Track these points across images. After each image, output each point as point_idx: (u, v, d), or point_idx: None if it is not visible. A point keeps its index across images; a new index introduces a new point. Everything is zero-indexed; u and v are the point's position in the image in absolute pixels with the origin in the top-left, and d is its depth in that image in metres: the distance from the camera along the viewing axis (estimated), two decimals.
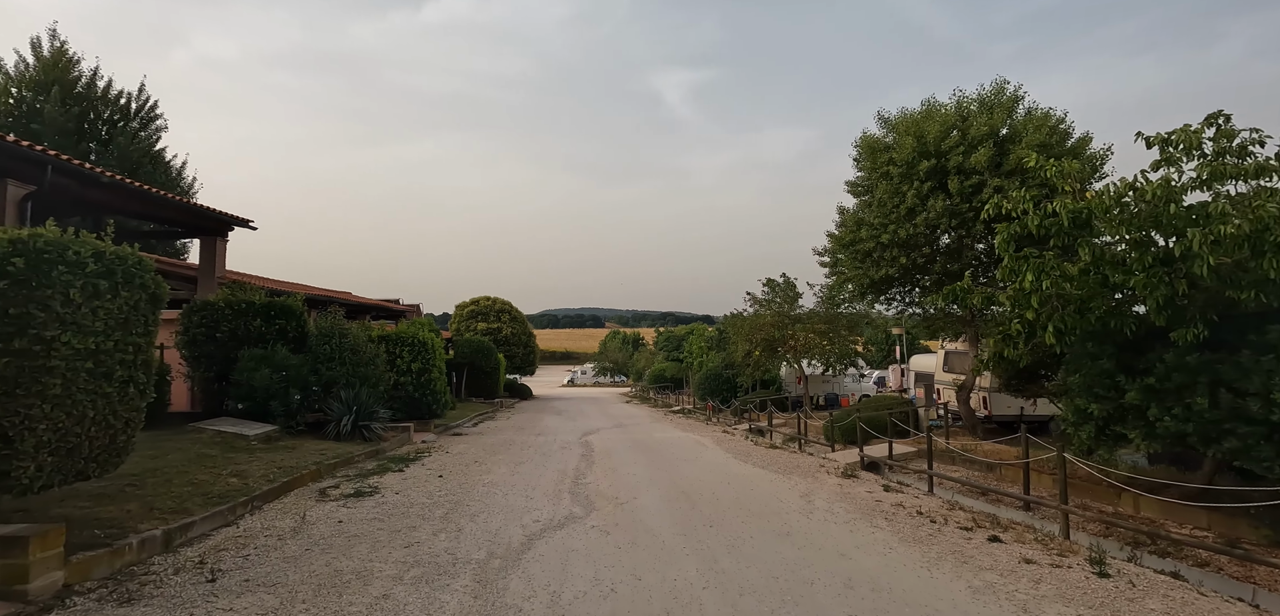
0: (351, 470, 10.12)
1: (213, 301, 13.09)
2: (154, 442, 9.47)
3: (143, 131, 22.10)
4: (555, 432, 17.91)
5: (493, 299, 44.34)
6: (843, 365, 23.01)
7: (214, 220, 15.92)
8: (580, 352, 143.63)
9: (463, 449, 13.50)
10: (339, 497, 8.08)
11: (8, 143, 10.05)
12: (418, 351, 16.87)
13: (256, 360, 12.35)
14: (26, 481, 4.78)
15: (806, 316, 22.71)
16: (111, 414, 5.35)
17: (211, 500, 7.06)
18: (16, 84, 19.31)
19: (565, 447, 14.22)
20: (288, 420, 12.10)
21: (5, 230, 4.81)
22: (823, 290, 22.49)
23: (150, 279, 5.70)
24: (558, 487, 9.17)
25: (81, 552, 5.12)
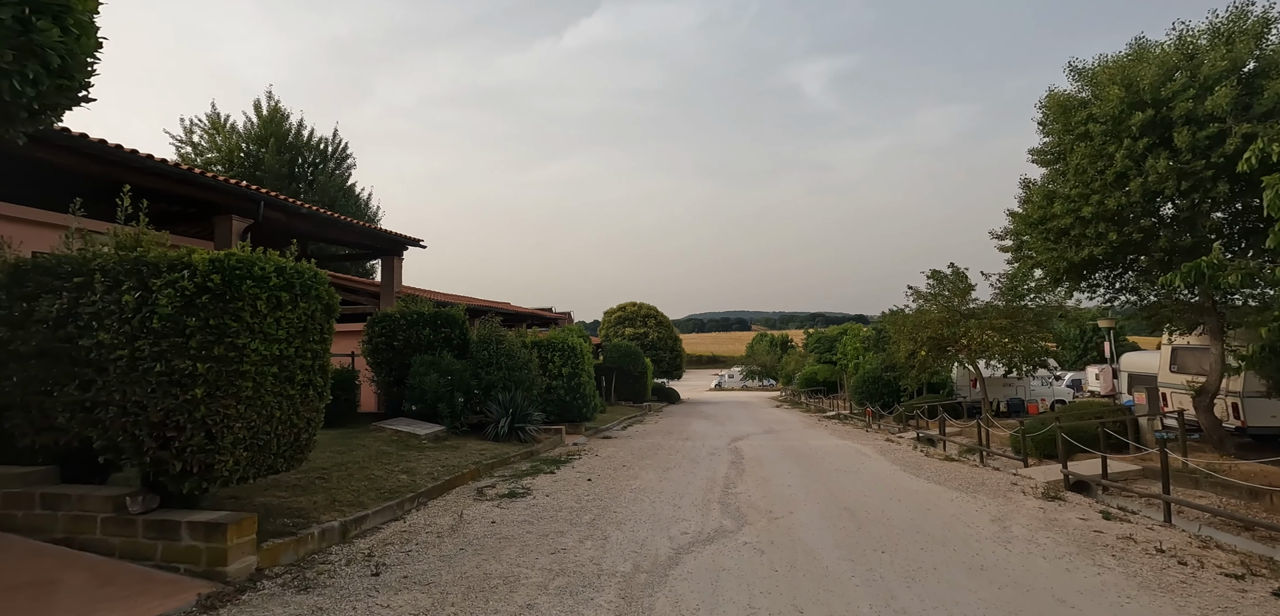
0: (507, 470, 10.48)
1: (390, 313, 14.44)
2: (343, 440, 10.51)
3: (337, 170, 25.42)
4: (703, 438, 17.49)
5: (638, 304, 45.22)
6: (1030, 365, 19.98)
7: (391, 241, 17.70)
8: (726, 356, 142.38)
9: (611, 452, 13.54)
10: (494, 498, 8.31)
11: (232, 184, 11.85)
12: (568, 356, 17.38)
13: (426, 365, 13.38)
14: (227, 473, 5.31)
15: (982, 311, 20.06)
16: (294, 414, 5.83)
17: (383, 495, 7.55)
18: (244, 139, 23.17)
19: (713, 454, 13.72)
20: (453, 421, 12.94)
21: (207, 252, 5.39)
22: (1001, 280, 19.74)
23: (325, 290, 6.16)
24: (706, 497, 8.71)
25: (272, 540, 5.61)
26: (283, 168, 23.12)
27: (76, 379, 5.45)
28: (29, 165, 9.14)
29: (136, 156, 9.66)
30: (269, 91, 23.84)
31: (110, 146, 9.18)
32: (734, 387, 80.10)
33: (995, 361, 20.97)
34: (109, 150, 9.21)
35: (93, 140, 8.89)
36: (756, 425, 22.44)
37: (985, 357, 20.45)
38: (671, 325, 46.22)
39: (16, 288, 5.69)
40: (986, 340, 19.62)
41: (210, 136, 22.95)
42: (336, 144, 25.69)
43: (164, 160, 10.05)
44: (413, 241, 18.28)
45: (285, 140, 23.55)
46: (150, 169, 9.92)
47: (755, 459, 12.79)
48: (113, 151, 9.26)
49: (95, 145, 9.04)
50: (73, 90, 3.85)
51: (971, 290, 20.61)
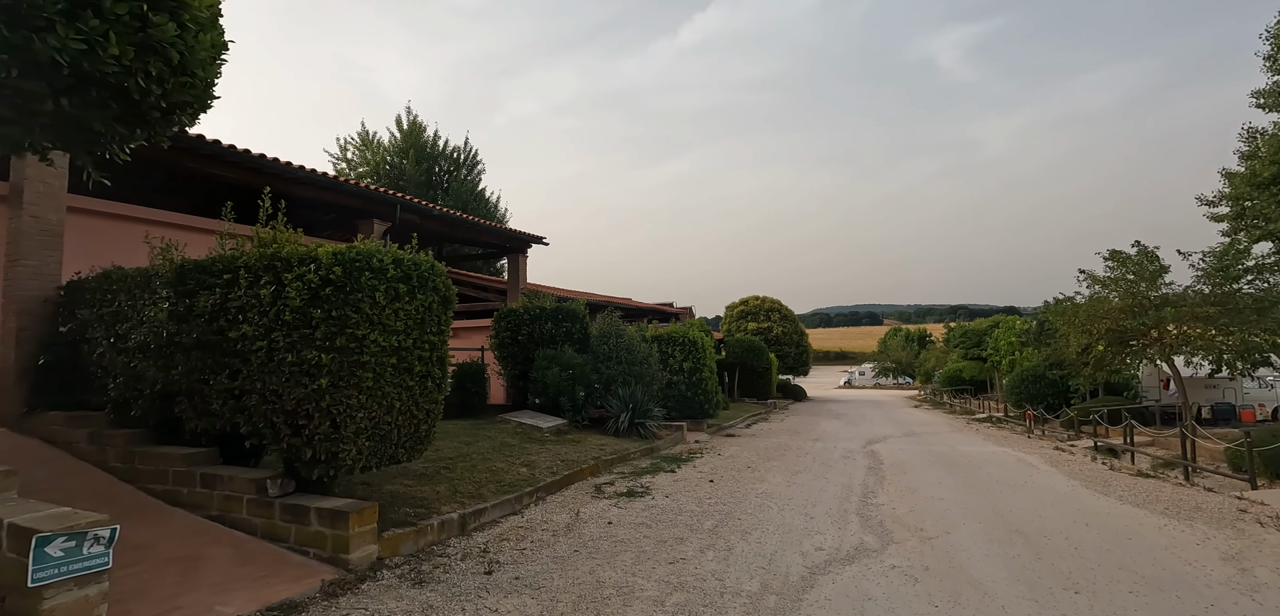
0: (626, 467, 10.19)
1: (514, 309, 14.79)
2: (471, 431, 10.79)
3: (469, 176, 26.92)
4: (834, 438, 16.23)
5: (762, 298, 43.75)
6: (1247, 365, 16.43)
7: (516, 240, 18.27)
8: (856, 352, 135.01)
9: (735, 451, 12.86)
10: (612, 496, 8.00)
11: (370, 190, 12.67)
12: (689, 350, 16.91)
13: (547, 360, 13.52)
14: (350, 462, 5.39)
15: (1180, 298, 16.78)
16: (414, 405, 5.83)
17: (503, 488, 7.50)
18: (389, 152, 25.21)
19: (848, 457, 12.57)
20: (574, 415, 12.94)
21: (332, 246, 5.50)
22: (1207, 259, 16.42)
23: (441, 282, 6.12)
24: (843, 507, 7.80)
25: (393, 529, 5.63)
26: (421, 176, 24.87)
27: (227, 368, 5.81)
28: (193, 178, 10.27)
29: (287, 166, 10.52)
30: (408, 107, 25.88)
31: (255, 155, 10.05)
32: (865, 385, 75.52)
33: (1199, 359, 17.51)
34: (259, 160, 10.09)
35: (241, 151, 9.78)
36: (894, 426, 20.58)
37: (1185, 354, 17.13)
38: (797, 319, 44.22)
39: (180, 285, 6.19)
40: (1187, 333, 16.40)
41: (360, 152, 25.24)
42: (468, 152, 27.24)
43: (310, 168, 10.87)
44: (535, 239, 18.76)
45: (423, 150, 25.33)
46: (297, 177, 10.78)
47: (897, 464, 11.50)
48: (263, 161, 10.14)
49: (245, 156, 9.92)
50: (196, 88, 3.94)
51: (1164, 273, 17.33)
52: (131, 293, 6.82)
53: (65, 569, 3.33)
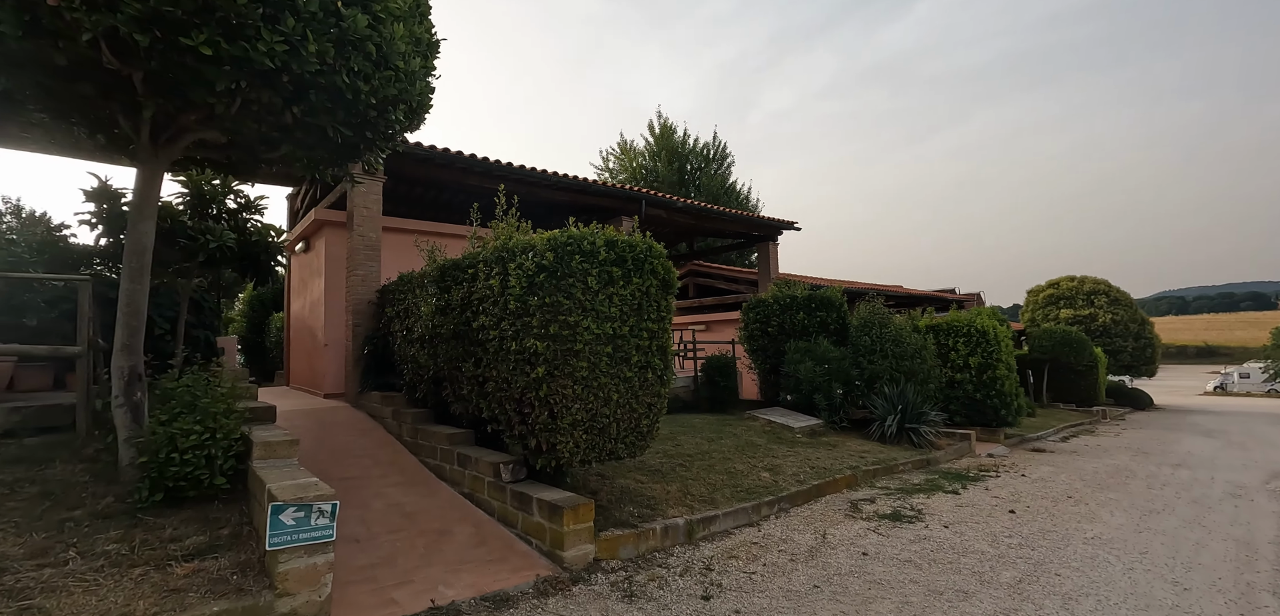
0: (892, 481, 8.52)
1: (763, 299, 13.90)
2: (717, 426, 10.25)
3: (718, 170, 26.81)
4: (1209, 465, 11.72)
5: (1079, 278, 35.24)
6: None
7: (764, 227, 17.33)
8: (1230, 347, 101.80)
9: (1046, 473, 10.02)
10: (871, 517, 6.59)
11: (614, 188, 13.03)
12: (976, 342, 13.95)
13: (800, 352, 12.32)
14: (567, 455, 5.13)
15: None
16: (633, 398, 5.38)
17: (739, 494, 6.70)
18: (644, 156, 26.45)
19: (1238, 495, 8.78)
20: (830, 415, 11.53)
21: (546, 233, 5.35)
22: None
23: (660, 265, 5.58)
24: (1243, 577, 5.15)
25: (614, 530, 5.24)
26: (672, 175, 25.54)
27: (472, 356, 6.11)
28: (456, 191, 11.58)
29: (522, 170, 11.24)
30: (659, 111, 26.77)
31: (491, 161, 10.88)
32: (1251, 391, 56.20)
33: None
34: (496, 166, 10.93)
35: (480, 158, 10.73)
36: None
37: None
38: (1134, 304, 34.52)
39: (442, 282, 6.77)
40: None
41: (620, 160, 27.02)
42: (716, 146, 27.16)
43: (544, 169, 11.52)
44: (786, 225, 17.58)
45: (674, 151, 26.01)
46: (533, 179, 11.49)
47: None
48: (500, 166, 10.96)
49: (482, 163, 10.78)
50: (401, 82, 3.96)
51: None
52: (413, 292, 7.78)
53: (296, 537, 3.54)
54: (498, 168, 10.91)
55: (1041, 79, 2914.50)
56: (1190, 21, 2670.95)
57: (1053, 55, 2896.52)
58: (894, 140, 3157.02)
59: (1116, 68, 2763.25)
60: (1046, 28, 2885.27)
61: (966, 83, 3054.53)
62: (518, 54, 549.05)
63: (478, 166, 10.69)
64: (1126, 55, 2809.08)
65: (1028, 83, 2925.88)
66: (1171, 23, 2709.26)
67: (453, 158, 10.43)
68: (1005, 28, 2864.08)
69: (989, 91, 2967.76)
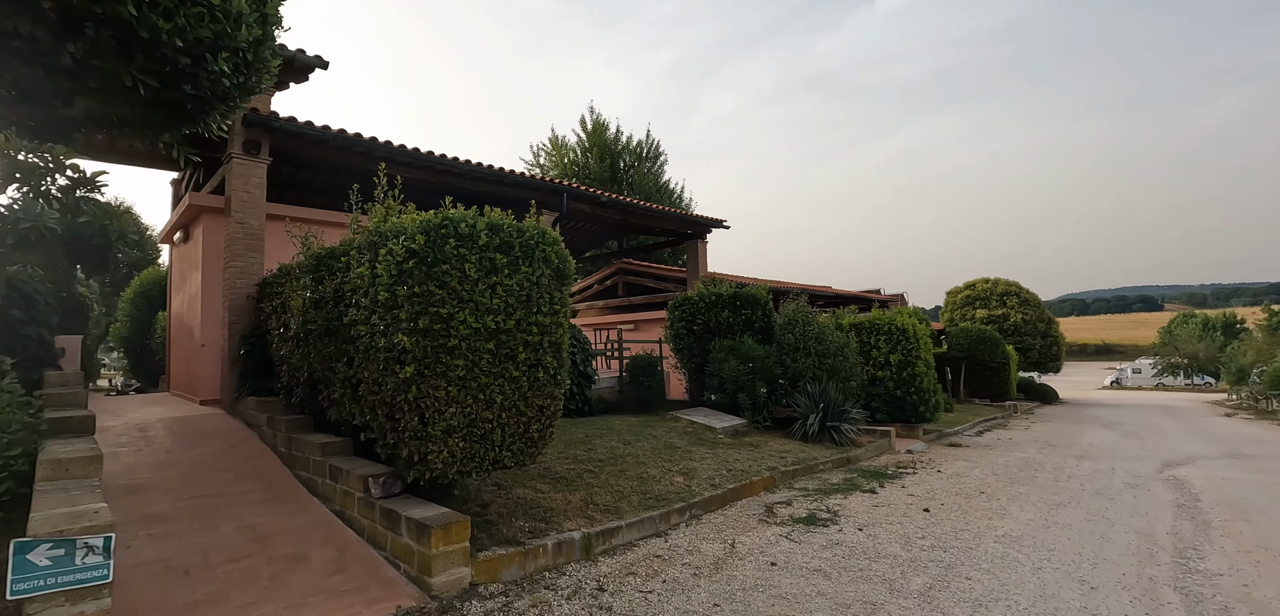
0: (811, 481, 8.30)
1: (689, 296, 13.58)
2: (638, 428, 9.79)
3: (651, 168, 26.52)
4: (1110, 455, 12.22)
5: (993, 280, 37.07)
6: None
7: (693, 224, 17.08)
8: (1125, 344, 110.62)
9: (960, 468, 10.09)
10: (786, 521, 6.27)
11: (531, 179, 12.38)
12: (896, 340, 14.11)
13: (725, 351, 12.06)
14: (441, 465, 4.52)
15: None
16: (521, 401, 4.81)
17: (648, 501, 6.24)
18: (576, 150, 25.84)
19: (1136, 485, 9.06)
20: (754, 414, 11.30)
21: (421, 214, 4.71)
22: None
23: (554, 252, 5.04)
24: (1145, 571, 5.11)
25: (498, 549, 4.65)
26: (605, 172, 25.06)
27: (345, 355, 5.39)
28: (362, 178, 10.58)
29: (444, 160, 10.47)
30: (591, 106, 26.22)
31: (412, 150, 10.04)
32: (1141, 385, 61.04)
33: None
34: (422, 157, 10.13)
35: (397, 146, 9.85)
36: (1204, 442, 15.20)
37: None
38: (1042, 305, 36.61)
39: (316, 273, 5.99)
40: None
41: (551, 155, 26.29)
42: (650, 144, 26.88)
43: (467, 159, 10.78)
44: (715, 223, 17.39)
45: (607, 147, 25.52)
46: (460, 171, 10.74)
47: (1227, 502, 7.85)
48: (426, 157, 10.17)
49: (403, 151, 9.95)
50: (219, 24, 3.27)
51: None
52: (289, 284, 6.93)
53: (53, 580, 2.80)
54: (404, 154, 10.06)
55: (963, 95, 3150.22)
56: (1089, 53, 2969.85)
57: (972, 74, 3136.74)
58: (829, 147, 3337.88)
59: (1028, 89, 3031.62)
60: (966, 48, 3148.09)
61: (896, 96, 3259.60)
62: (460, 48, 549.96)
63: (380, 151, 9.79)
64: (1036, 78, 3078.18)
65: (951, 98, 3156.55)
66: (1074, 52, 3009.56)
67: (350, 140, 9.52)
68: (930, 45, 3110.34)
69: (917, 105, 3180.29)
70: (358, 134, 9.62)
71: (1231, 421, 22.91)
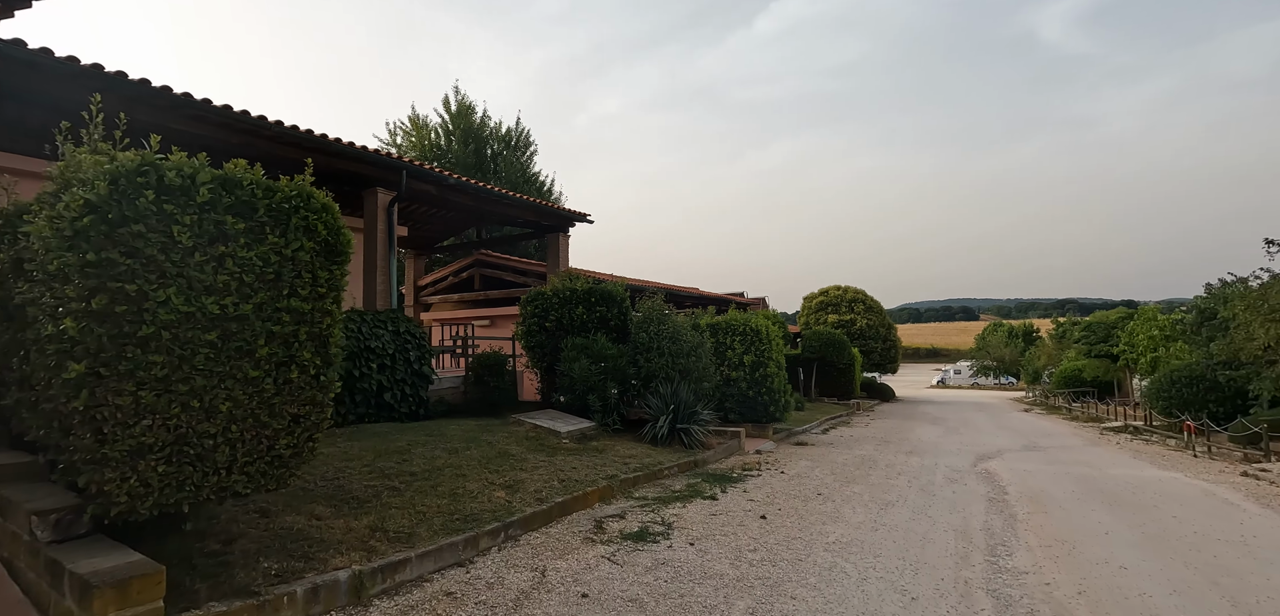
0: (653, 489, 7.82)
1: (542, 291, 12.76)
2: (471, 435, 8.77)
3: (522, 157, 25.32)
4: (934, 450, 13.11)
5: (844, 288, 39.93)
6: None
7: (554, 216, 16.23)
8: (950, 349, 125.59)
9: (804, 468, 10.17)
10: (613, 539, 5.66)
11: (372, 153, 10.89)
12: (750, 341, 14.25)
13: (577, 350, 11.36)
14: (126, 498, 3.35)
15: None
16: (263, 410, 3.74)
17: (455, 523, 5.34)
18: (437, 131, 23.99)
19: (955, 479, 9.59)
20: (604, 416, 10.71)
21: (101, 155, 3.49)
22: None
23: (321, 221, 4.02)
24: (961, 573, 5.09)
25: (217, 605, 3.55)
26: (469, 157, 23.48)
27: (21, 347, 3.97)
28: None
29: (246, 118, 8.69)
30: (456, 86, 24.51)
31: (203, 101, 8.19)
32: (961, 385, 69.20)
33: None
34: (216, 111, 8.42)
35: (180, 94, 7.95)
36: (1009, 436, 16.98)
37: None
38: (884, 312, 40.02)
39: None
40: None
41: (409, 135, 24.18)
42: (519, 132, 25.64)
43: (278, 121, 9.15)
44: (578, 216, 16.68)
45: (472, 130, 23.94)
46: (270, 132, 9.10)
47: (1028, 495, 8.44)
48: (223, 113, 8.48)
49: (207, 107, 8.24)
50: None
51: None
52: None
53: None
54: (141, 90, 7.64)
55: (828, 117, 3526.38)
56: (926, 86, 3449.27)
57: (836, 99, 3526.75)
58: (707, 157, 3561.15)
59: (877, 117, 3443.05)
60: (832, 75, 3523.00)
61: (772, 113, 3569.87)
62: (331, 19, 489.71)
63: (92, 79, 6.81)
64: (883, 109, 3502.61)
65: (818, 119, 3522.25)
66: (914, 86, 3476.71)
67: (34, 56, 6.78)
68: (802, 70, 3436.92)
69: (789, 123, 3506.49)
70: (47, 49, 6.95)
71: (1029, 415, 26.21)
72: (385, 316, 10.47)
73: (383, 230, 11.47)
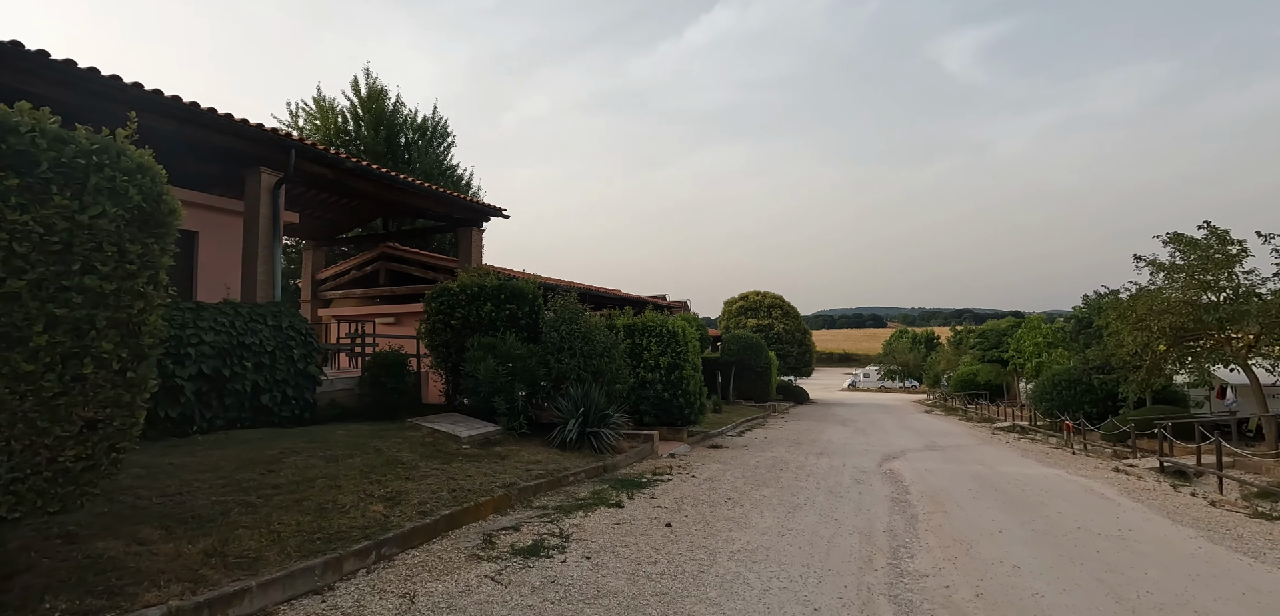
0: (555, 497, 7.35)
1: (448, 286, 11.99)
2: (362, 440, 7.96)
3: (436, 147, 24.07)
4: (843, 451, 13.36)
5: (763, 293, 40.86)
6: None
7: (466, 210, 15.42)
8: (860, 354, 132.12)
9: (715, 471, 10.00)
10: (501, 555, 5.16)
11: (253, 128, 9.79)
12: (666, 343, 14.03)
13: (483, 349, 10.70)
14: None
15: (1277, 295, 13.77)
16: (40, 412, 3.00)
17: (315, 545, 4.66)
18: (345, 115, 22.38)
19: (861, 480, 9.70)
20: (511, 420, 10.11)
21: None
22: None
23: (135, 184, 3.30)
24: (864, 580, 4.95)
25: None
26: (380, 145, 22.06)
27: None
28: None
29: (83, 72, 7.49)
30: (367, 69, 22.95)
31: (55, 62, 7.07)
32: (870, 388, 72.74)
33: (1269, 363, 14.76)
34: (62, 69, 7.24)
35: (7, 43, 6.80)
36: (912, 436, 17.70)
37: (1275, 358, 14.25)
38: (799, 316, 41.29)
39: None
40: (1275, 331, 13.46)
41: (312, 118, 22.42)
42: (436, 121, 24.38)
43: (136, 82, 8.01)
44: (494, 211, 15.94)
45: (383, 116, 22.50)
46: (119, 95, 7.92)
47: (930, 495, 8.61)
48: (64, 69, 7.28)
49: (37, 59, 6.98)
50: None
51: (1241, 260, 14.40)
52: None
53: None
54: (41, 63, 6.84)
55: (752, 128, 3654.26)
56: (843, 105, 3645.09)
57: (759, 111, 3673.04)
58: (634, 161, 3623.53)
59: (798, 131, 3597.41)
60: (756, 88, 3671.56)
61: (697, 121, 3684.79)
62: None
63: None
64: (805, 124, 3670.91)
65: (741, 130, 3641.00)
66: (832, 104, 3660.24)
67: None
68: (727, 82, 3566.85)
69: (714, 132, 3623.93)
70: None
71: (929, 417, 27.67)
72: (265, 310, 9.44)
73: (266, 214, 10.37)
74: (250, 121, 9.64)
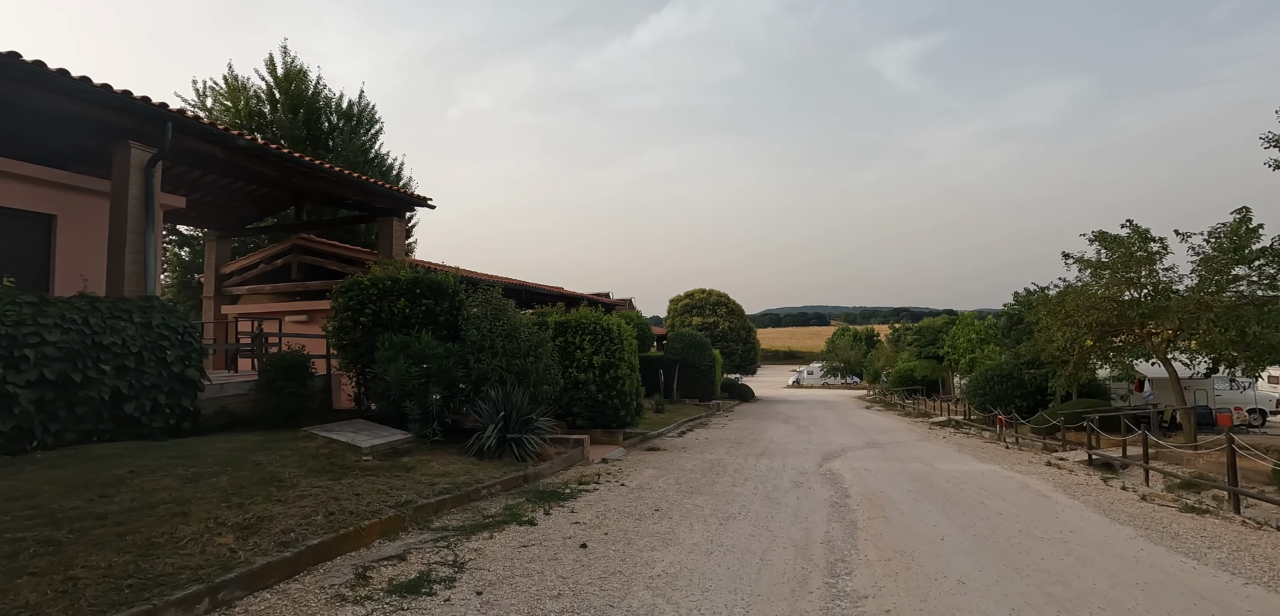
0: (459, 516, 6.51)
1: (358, 280, 10.90)
2: (243, 453, 6.90)
3: (361, 134, 22.56)
4: (784, 451, 12.96)
5: (708, 291, 40.67)
6: (1253, 364, 14.05)
7: (387, 199, 14.28)
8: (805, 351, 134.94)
9: (648, 478, 9.35)
10: (374, 594, 4.32)
11: (119, 94, 8.50)
12: (600, 341, 13.30)
13: (394, 349, 9.70)
14: None
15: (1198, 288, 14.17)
16: None
17: (124, 593, 3.71)
18: (257, 96, 20.61)
19: (800, 483, 9.24)
20: (423, 425, 9.18)
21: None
22: (1211, 239, 13.96)
23: None
24: (795, 601, 4.37)
25: None
26: (299, 130, 20.42)
27: None
28: None
29: None
30: (284, 47, 21.25)
31: None
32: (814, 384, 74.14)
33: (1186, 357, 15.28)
34: None
35: None
36: (853, 434, 17.58)
37: (1190, 351, 14.69)
38: (745, 314, 41.33)
39: None
40: (1192, 326, 13.86)
41: (221, 98, 20.56)
42: (362, 106, 22.84)
43: None
44: (418, 200, 14.82)
45: (302, 99, 20.85)
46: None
47: (868, 497, 8.21)
48: None
49: None
50: None
51: (1161, 258, 14.83)
52: None
53: None
54: None
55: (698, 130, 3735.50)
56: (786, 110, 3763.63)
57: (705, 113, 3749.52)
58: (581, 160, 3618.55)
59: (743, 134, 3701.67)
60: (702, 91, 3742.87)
61: (644, 121, 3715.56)
62: None
63: None
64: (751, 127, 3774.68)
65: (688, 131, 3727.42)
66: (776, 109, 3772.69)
67: None
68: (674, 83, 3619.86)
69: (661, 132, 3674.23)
70: None
71: (870, 413, 27.96)
72: (131, 306, 8.21)
73: (137, 196, 9.07)
74: (114, 87, 8.37)
